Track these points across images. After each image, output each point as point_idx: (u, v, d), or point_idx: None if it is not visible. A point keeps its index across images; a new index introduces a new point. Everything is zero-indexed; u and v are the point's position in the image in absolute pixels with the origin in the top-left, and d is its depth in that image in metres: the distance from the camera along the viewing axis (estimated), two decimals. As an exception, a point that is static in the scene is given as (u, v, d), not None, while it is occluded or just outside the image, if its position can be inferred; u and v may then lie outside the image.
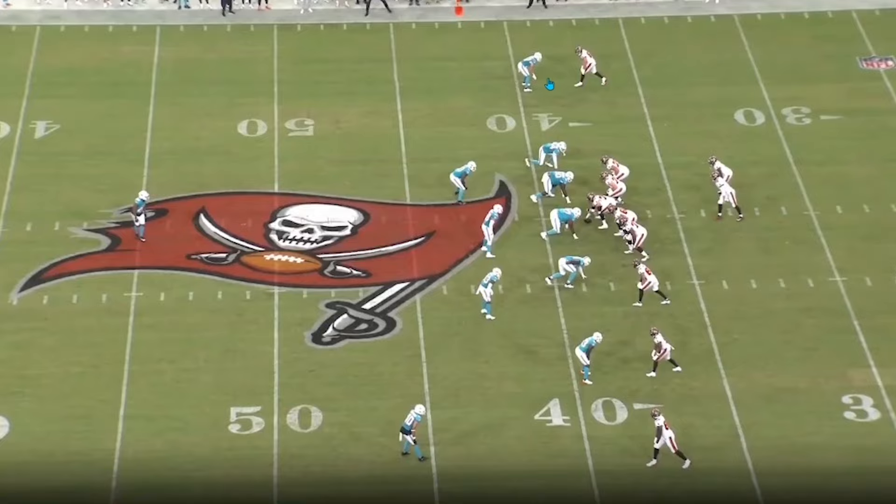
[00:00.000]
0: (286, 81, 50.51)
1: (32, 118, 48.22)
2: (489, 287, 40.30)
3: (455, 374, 38.90)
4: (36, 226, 43.64)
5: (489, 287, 40.30)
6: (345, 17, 54.10)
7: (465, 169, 44.62)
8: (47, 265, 42.23)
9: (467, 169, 44.64)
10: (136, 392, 38.24)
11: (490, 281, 40.36)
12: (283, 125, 48.45)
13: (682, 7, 54.60)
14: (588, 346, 38.31)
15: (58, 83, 50.02)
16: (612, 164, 44.77)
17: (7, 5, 53.80)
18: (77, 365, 39.00)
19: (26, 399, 37.90)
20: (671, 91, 50.01)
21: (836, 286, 41.96)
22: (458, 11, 54.33)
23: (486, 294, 40.29)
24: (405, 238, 43.85)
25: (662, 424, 35.78)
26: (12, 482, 35.70)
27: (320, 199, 45.31)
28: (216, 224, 44.20)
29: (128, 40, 52.40)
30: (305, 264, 42.89)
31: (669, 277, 42.09)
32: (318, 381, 38.78)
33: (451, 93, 49.98)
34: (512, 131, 48.25)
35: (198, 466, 36.22)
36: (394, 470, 36.20)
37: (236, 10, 53.99)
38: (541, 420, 37.57)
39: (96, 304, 41.00)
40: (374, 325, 40.72)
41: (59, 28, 52.88)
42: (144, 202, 43.02)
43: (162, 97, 49.58)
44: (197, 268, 42.48)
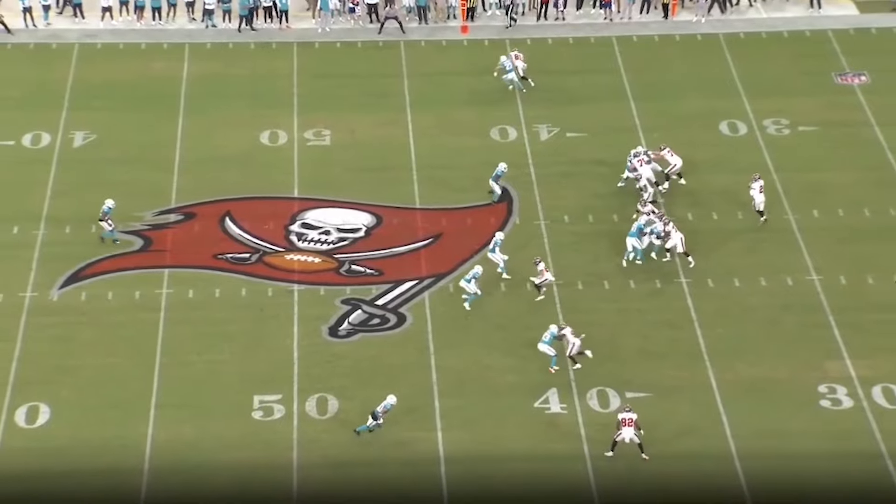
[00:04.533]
0: (305, 95, 50.54)
1: (71, 129, 48.24)
2: (472, 283, 40.25)
3: (461, 365, 38.97)
4: (74, 228, 43.68)
5: (472, 283, 40.25)
6: (359, 36, 54.14)
7: (497, 171, 44.56)
8: (85, 264, 42.30)
9: (499, 171, 44.57)
10: (166, 382, 38.34)
11: (473, 277, 40.34)
12: (301, 135, 48.47)
13: (670, 26, 54.61)
14: (550, 340, 38.29)
15: (94, 96, 50.00)
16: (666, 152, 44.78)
17: (48, 24, 53.87)
18: (112, 357, 39.10)
19: (66, 388, 38.02)
20: (661, 104, 50.01)
21: (812, 285, 41.98)
22: (464, 30, 54.39)
23: (470, 288, 40.19)
24: (414, 239, 43.90)
25: (621, 420, 35.77)
26: (53, 464, 35.85)
27: (336, 204, 45.34)
28: (240, 226, 44.26)
29: (159, 57, 52.45)
30: (322, 264, 42.95)
31: (659, 276, 42.15)
32: (334, 371, 38.86)
33: (456, 105, 50.00)
34: (513, 141, 48.26)
35: (223, 450, 36.34)
36: (403, 454, 36.28)
37: (259, 28, 54.05)
38: (540, 408, 37.64)
39: (130, 300, 41.08)
40: (386, 320, 40.79)
41: (96, 46, 52.92)
42: (111, 209, 42.80)
43: (190, 109, 49.60)
44: (223, 267, 42.55)
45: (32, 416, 37.14)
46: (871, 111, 49.56)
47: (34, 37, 53.19)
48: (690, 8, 55.27)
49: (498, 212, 44.84)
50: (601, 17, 55.07)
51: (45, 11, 53.90)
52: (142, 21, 54.30)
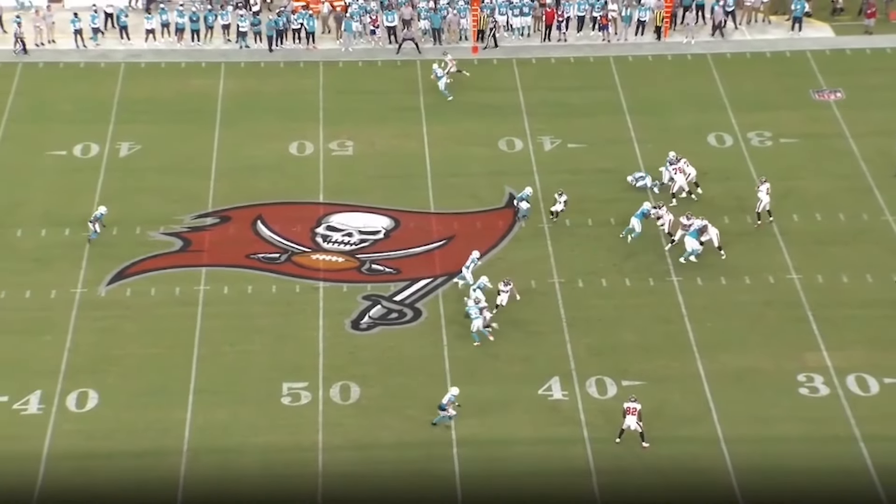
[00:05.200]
0: (330, 109, 50.39)
1: (117, 140, 48.11)
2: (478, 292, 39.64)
3: (471, 356, 38.80)
4: (120, 230, 43.57)
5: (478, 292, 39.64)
6: (379, 55, 53.98)
7: (523, 194, 44.18)
8: (130, 263, 42.18)
9: (524, 194, 44.14)
10: (203, 370, 38.23)
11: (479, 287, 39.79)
12: (327, 146, 48.31)
13: (663, 47, 54.38)
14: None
15: (138, 111, 49.88)
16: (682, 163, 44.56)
17: (97, 45, 53.80)
18: (154, 347, 38.99)
19: (112, 375, 37.94)
20: (654, 118, 49.79)
21: (792, 283, 41.77)
22: (474, 50, 54.20)
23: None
24: (429, 241, 43.73)
25: (626, 409, 35.62)
26: (100, 445, 35.80)
27: (358, 208, 45.18)
28: (271, 229, 44.12)
29: (197, 75, 52.34)
30: (345, 263, 42.81)
31: (652, 274, 41.95)
32: (356, 361, 38.71)
33: (468, 118, 49.78)
34: (519, 151, 48.07)
35: (255, 432, 36.23)
36: (419, 436, 36.17)
37: (288, 48, 53.94)
38: (543, 395, 37.48)
39: (170, 296, 40.96)
40: (403, 315, 40.63)
41: (140, 64, 52.82)
42: (102, 215, 42.69)
43: (225, 122, 49.47)
44: (255, 266, 42.41)
45: (82, 401, 37.06)
46: (846, 124, 49.31)
47: (84, 56, 53.09)
48: (682, 31, 55.07)
49: (505, 216, 44.64)
50: (600, 38, 54.87)
51: (94, 33, 53.82)
52: (182, 42, 54.21)
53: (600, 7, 55.09)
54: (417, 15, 54.79)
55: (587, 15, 55.17)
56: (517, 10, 54.93)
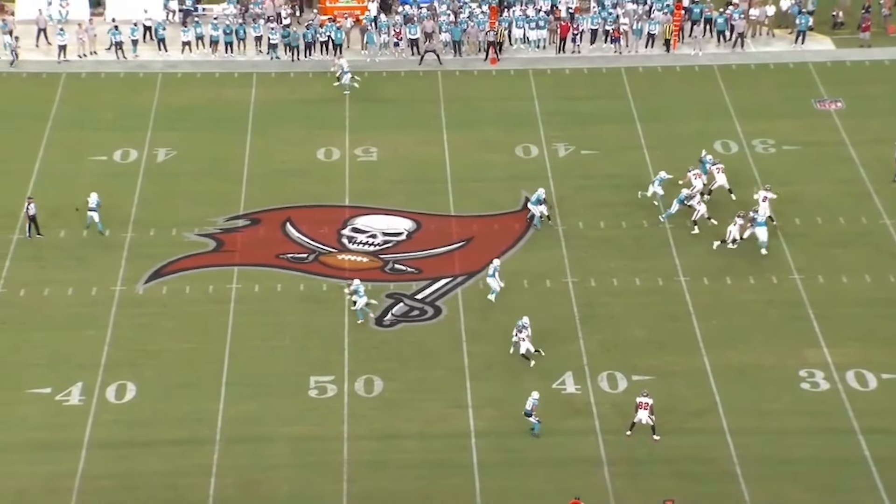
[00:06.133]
0: (355, 117, 50.38)
1: (155, 146, 48.18)
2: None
3: (489, 351, 38.73)
4: (157, 231, 43.65)
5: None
6: (402, 66, 53.96)
7: (537, 196, 43.97)
8: (166, 262, 42.23)
9: (539, 196, 43.91)
10: (235, 364, 38.26)
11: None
12: (352, 152, 48.29)
13: (671, 59, 54.23)
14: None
15: (175, 118, 49.95)
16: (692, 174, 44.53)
17: (136, 56, 53.90)
18: (189, 342, 39.03)
19: (149, 369, 37.98)
20: (663, 126, 49.65)
21: (794, 283, 41.58)
22: (493, 62, 54.15)
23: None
24: (450, 242, 43.67)
25: (638, 403, 35.53)
26: (138, 434, 35.84)
27: (382, 211, 45.15)
28: (299, 230, 44.13)
29: (230, 84, 52.40)
30: (370, 263, 42.77)
31: (661, 275, 41.82)
32: (380, 356, 38.68)
33: (486, 126, 49.73)
34: (535, 157, 47.98)
35: (284, 423, 36.23)
36: (439, 427, 36.11)
37: (316, 59, 53.95)
38: (557, 388, 37.40)
39: (204, 293, 40.99)
40: (424, 312, 40.59)
41: (177, 75, 52.91)
42: (99, 204, 43.03)
43: (256, 129, 49.51)
44: (284, 265, 42.41)
45: (121, 393, 37.11)
46: (846, 133, 49.07)
47: (124, 67, 53.20)
48: (690, 43, 54.90)
49: (521, 219, 44.56)
50: (612, 50, 54.77)
51: (133, 45, 53.95)
52: (216, 54, 54.29)
53: (612, 21, 54.99)
54: (439, 28, 54.75)
55: (600, 28, 55.07)
56: (533, 24, 54.89)
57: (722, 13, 55.09)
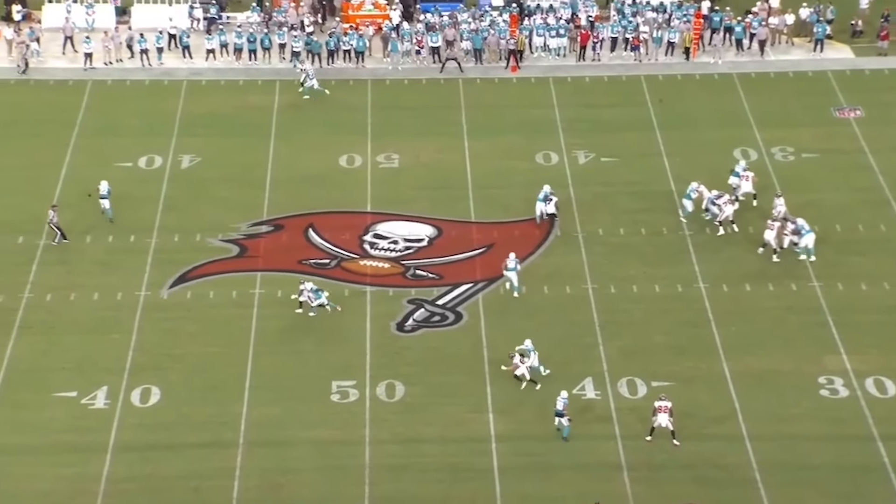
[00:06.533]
0: (377, 124, 50.51)
1: (179, 152, 48.37)
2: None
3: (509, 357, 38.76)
4: (182, 237, 43.82)
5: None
6: (424, 74, 54.06)
7: (543, 193, 44.22)
8: (190, 268, 42.39)
9: (545, 193, 44.20)
10: (258, 368, 38.37)
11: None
12: (374, 158, 48.39)
13: (691, 67, 54.22)
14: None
15: (199, 125, 50.16)
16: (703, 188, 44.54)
17: (161, 64, 54.15)
18: (212, 346, 39.16)
19: (174, 373, 38.12)
20: (682, 133, 49.63)
21: (814, 290, 41.48)
22: (514, 70, 54.22)
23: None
24: (470, 248, 43.72)
25: (657, 407, 35.47)
26: (162, 437, 35.97)
27: (403, 217, 45.21)
28: (322, 236, 44.24)
29: (254, 91, 52.59)
30: (391, 269, 42.85)
31: (680, 281, 41.79)
32: (401, 361, 38.74)
33: (507, 133, 49.79)
34: (555, 164, 48.01)
35: (306, 427, 36.32)
36: (460, 431, 36.13)
37: (338, 67, 54.12)
38: (577, 394, 37.38)
39: (228, 298, 41.13)
40: (445, 318, 40.64)
41: (201, 82, 53.14)
42: (109, 192, 43.82)
43: (279, 136, 49.66)
44: (306, 271, 42.48)
45: (145, 396, 37.27)
46: (865, 141, 48.96)
47: (150, 74, 53.45)
48: (709, 52, 54.87)
49: (542, 226, 44.59)
50: (631, 59, 54.78)
51: (158, 53, 54.22)
52: (240, 62, 54.49)
53: (632, 29, 55.00)
54: (460, 36, 54.85)
55: (620, 36, 55.09)
56: (553, 32, 54.94)
57: (741, 22, 55.04)
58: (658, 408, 35.48)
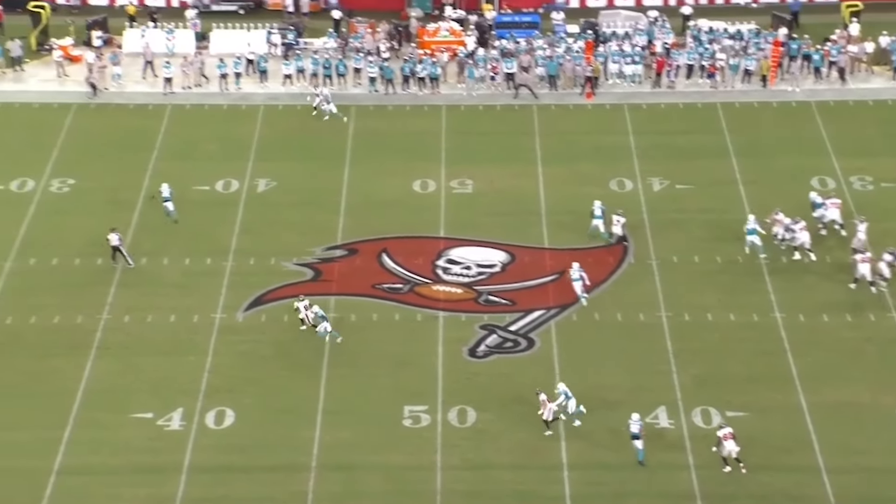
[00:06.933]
0: (451, 149, 50.70)
1: (256, 176, 48.86)
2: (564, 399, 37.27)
3: (582, 384, 38.47)
4: (257, 260, 44.21)
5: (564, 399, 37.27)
6: (498, 100, 54.22)
7: (594, 209, 44.58)
8: (265, 291, 42.74)
9: (599, 209, 44.60)
10: (331, 391, 38.54)
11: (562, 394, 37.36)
12: (448, 184, 48.55)
13: (768, 94, 53.83)
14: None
15: (275, 149, 50.64)
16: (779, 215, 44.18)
17: (239, 89, 54.82)
18: (286, 369, 39.40)
19: (248, 395, 38.40)
20: (759, 161, 49.26)
21: (892, 321, 40.90)
22: (588, 96, 54.19)
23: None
24: (543, 274, 43.68)
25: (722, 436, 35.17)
26: (236, 459, 36.25)
27: (476, 243, 45.27)
28: (395, 261, 44.44)
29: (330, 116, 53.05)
30: (464, 294, 42.92)
31: (756, 310, 41.42)
32: (473, 386, 38.76)
33: (581, 160, 49.72)
34: (629, 191, 47.86)
35: (378, 452, 36.41)
36: (531, 458, 36.02)
37: (413, 92, 54.41)
38: (650, 422, 37.13)
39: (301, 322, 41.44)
40: (518, 344, 40.61)
41: (278, 107, 53.69)
42: (172, 193, 45.56)
43: (354, 160, 49.99)
44: (380, 295, 42.70)
45: (220, 418, 37.61)
46: (946, 170, 48.39)
47: (227, 99, 54.14)
48: (787, 79, 54.46)
49: (615, 252, 44.48)
50: (707, 85, 54.54)
51: (236, 78, 54.92)
52: (317, 88, 54.85)
53: (709, 56, 54.77)
54: (535, 62, 54.96)
55: (696, 63, 54.89)
56: (629, 59, 54.89)
57: (819, 49, 54.59)
58: (723, 436, 35.14)
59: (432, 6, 60.82)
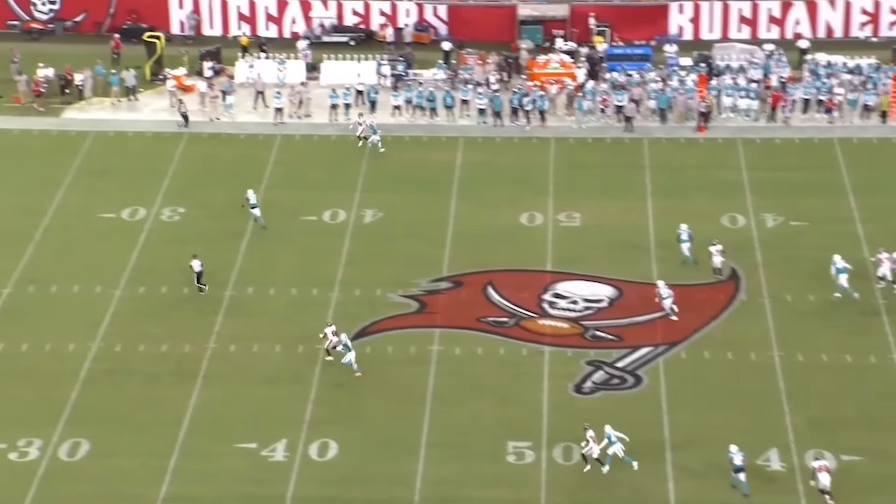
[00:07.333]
0: (559, 182, 50.47)
1: (363, 207, 49.09)
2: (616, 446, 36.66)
3: (692, 423, 37.91)
4: (363, 291, 44.35)
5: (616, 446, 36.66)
6: (608, 133, 53.91)
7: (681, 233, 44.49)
8: (370, 322, 42.81)
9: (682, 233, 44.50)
10: (434, 426, 38.39)
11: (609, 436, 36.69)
12: (555, 217, 48.31)
13: (888, 130, 52.75)
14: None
15: (383, 180, 50.88)
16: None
17: (348, 119, 55.16)
18: (390, 402, 39.33)
19: (351, 427, 38.32)
20: (878, 198, 48.20)
21: None
22: (701, 130, 53.60)
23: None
24: (651, 311, 43.13)
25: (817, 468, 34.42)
26: (340, 492, 36.19)
27: (584, 277, 44.93)
28: (501, 294, 44.25)
29: (437, 148, 53.20)
30: (570, 329, 42.56)
31: (873, 351, 40.36)
32: (579, 423, 38.24)
33: (692, 194, 49.16)
34: (741, 227, 47.14)
35: (481, 487, 36.11)
36: (638, 497, 35.47)
37: (521, 124, 54.33)
38: (762, 465, 36.33)
39: (406, 354, 41.36)
40: (625, 381, 40.10)
41: (386, 138, 53.98)
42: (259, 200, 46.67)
43: (461, 192, 50.03)
44: (485, 329, 42.52)
45: (323, 450, 37.59)
46: None
47: (336, 129, 54.58)
48: (908, 115, 53.51)
49: (726, 290, 43.77)
50: (824, 121, 53.58)
51: (345, 108, 55.38)
52: (423, 120, 55.12)
53: (826, 91, 53.83)
54: (646, 95, 54.53)
55: (813, 98, 53.98)
56: (743, 93, 54.17)
57: (942, 83, 53.42)
58: (819, 468, 34.22)
59: (543, 38, 60.82)
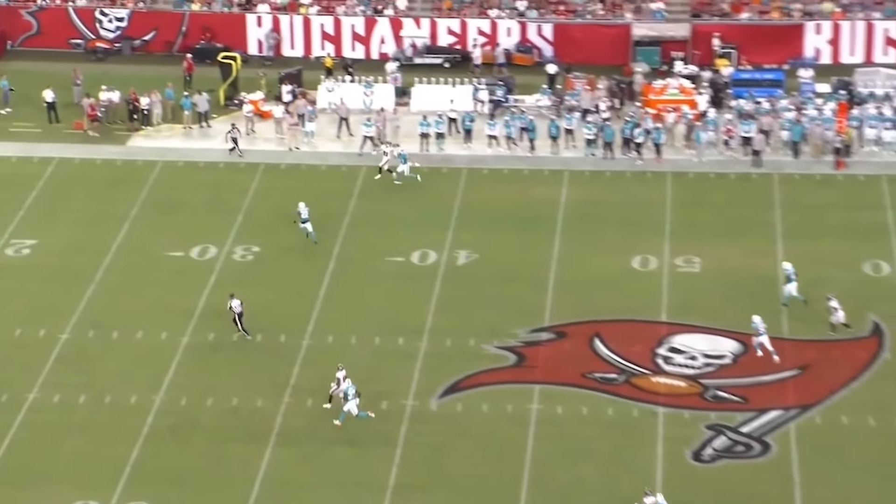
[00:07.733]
0: (677, 222, 50.23)
1: (455, 247, 49.23)
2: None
3: (828, 499, 37.25)
4: (454, 341, 44.35)
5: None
6: (733, 168, 53.52)
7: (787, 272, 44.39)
8: (462, 377, 42.77)
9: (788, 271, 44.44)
10: (534, 494, 38.11)
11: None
12: (672, 261, 48.06)
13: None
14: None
15: (478, 218, 51.04)
16: None
17: (440, 150, 55.51)
18: (484, 467, 39.16)
19: (440, 493, 38.20)
20: None
21: None
22: (840, 165, 53.00)
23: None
24: (782, 369, 42.56)
25: None
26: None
27: (703, 330, 44.54)
28: (609, 347, 44.00)
29: (539, 182, 53.23)
30: (688, 388, 42.16)
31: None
32: (697, 494, 37.83)
33: (829, 237, 48.65)
34: (887, 276, 46.46)
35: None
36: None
37: (634, 157, 54.19)
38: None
39: (502, 413, 41.19)
40: (750, 448, 39.57)
41: (482, 171, 54.15)
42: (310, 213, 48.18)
43: (566, 232, 49.98)
44: (590, 386, 42.29)
45: (409, 518, 37.73)
46: None
47: (427, 161, 54.83)
48: None
49: (868, 346, 43.09)
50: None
51: (437, 138, 55.63)
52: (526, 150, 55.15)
53: (984, 121, 53.11)
54: (778, 125, 54.07)
55: (969, 129, 53.27)
56: (889, 124, 53.51)
57: None
58: None
59: (660, 61, 60.66)
